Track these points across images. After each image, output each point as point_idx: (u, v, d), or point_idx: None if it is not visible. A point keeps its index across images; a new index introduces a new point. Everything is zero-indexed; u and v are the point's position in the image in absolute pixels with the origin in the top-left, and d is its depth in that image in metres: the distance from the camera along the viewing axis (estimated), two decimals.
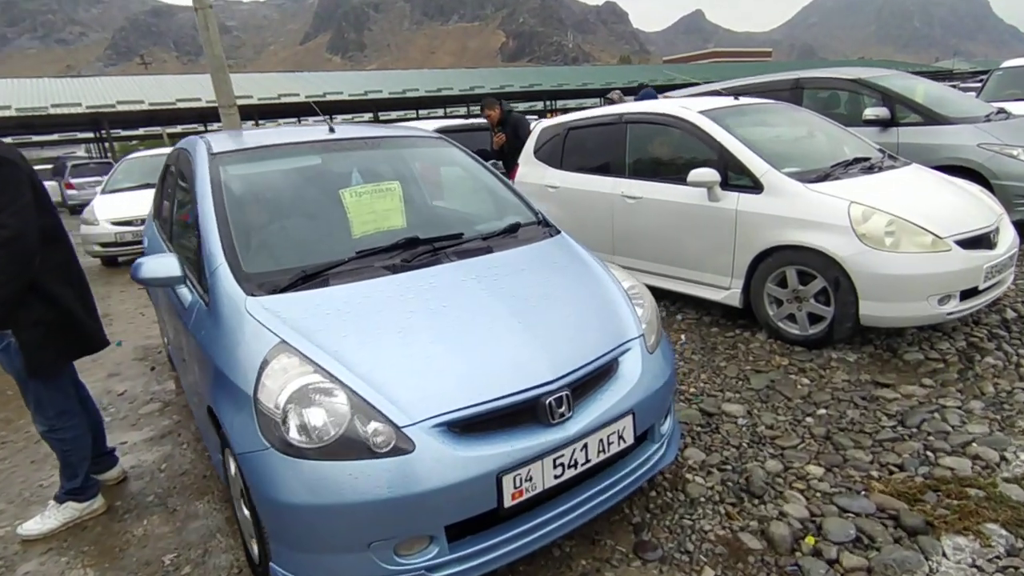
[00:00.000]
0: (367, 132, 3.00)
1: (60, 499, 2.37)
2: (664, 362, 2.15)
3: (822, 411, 2.83)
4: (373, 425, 1.62)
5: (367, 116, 33.97)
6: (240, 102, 24.45)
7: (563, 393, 1.79)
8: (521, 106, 42.47)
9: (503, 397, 1.72)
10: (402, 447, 1.60)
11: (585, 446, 1.81)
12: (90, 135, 30.00)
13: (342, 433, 1.60)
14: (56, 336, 2.15)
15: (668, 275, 4.23)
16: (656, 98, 6.48)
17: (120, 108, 22.44)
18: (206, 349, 1.98)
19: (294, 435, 1.60)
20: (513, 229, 2.57)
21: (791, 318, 3.59)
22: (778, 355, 3.46)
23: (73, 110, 21.53)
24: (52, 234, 2.15)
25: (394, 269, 2.12)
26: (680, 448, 2.56)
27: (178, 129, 31.35)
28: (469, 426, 1.69)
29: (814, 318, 3.48)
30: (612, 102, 6.85)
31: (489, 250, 2.35)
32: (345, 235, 2.35)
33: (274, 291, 1.97)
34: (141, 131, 32.12)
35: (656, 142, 4.48)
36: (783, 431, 2.69)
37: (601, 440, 1.85)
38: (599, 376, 1.94)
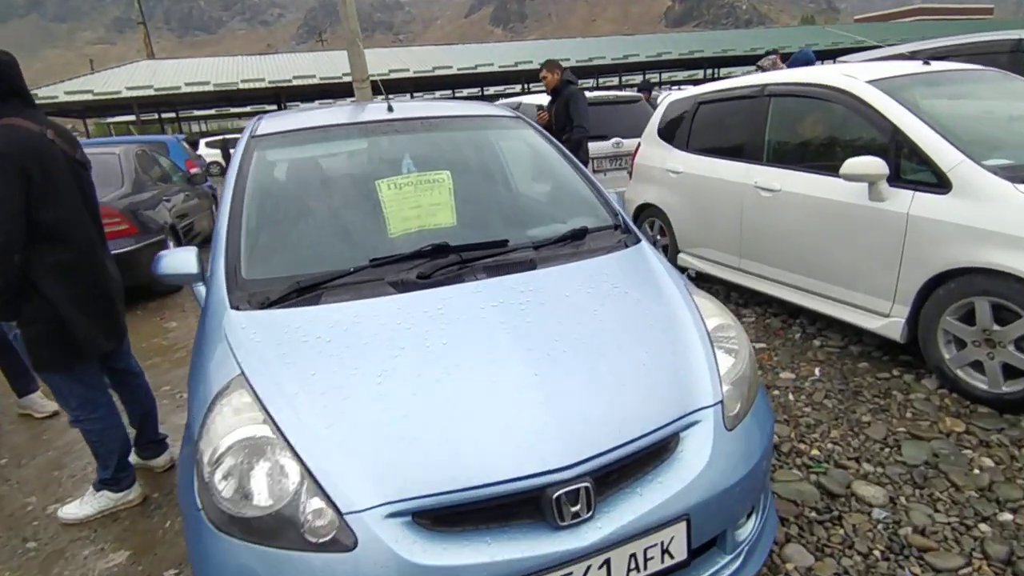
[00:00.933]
0: (428, 111, 2.61)
1: (97, 487, 2.36)
2: (751, 442, 1.53)
3: (1007, 516, 1.98)
4: (315, 504, 1.25)
5: (517, 88, 33.94)
6: (397, 75, 25.59)
7: (581, 485, 1.28)
8: (680, 75, 39.75)
9: (492, 484, 1.26)
10: (342, 541, 1.22)
11: (607, 562, 1.30)
12: (274, 107, 33.48)
13: (278, 509, 1.26)
14: (53, 336, 2.06)
15: (807, 290, 3.39)
16: (813, 64, 5.33)
17: (295, 83, 24.58)
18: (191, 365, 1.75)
19: (223, 501, 1.29)
20: (578, 235, 2.05)
21: (976, 366, 2.64)
22: (951, 416, 2.56)
23: (257, 85, 24.01)
24: (53, 232, 2.01)
25: (402, 286, 1.73)
26: (776, 544, 1.91)
27: (347, 102, 33.87)
28: (442, 519, 1.26)
29: (1012, 371, 2.51)
30: (764, 70, 5.80)
31: (532, 266, 1.86)
32: (379, 234, 2.01)
33: (263, 304, 1.68)
34: (317, 103, 35.17)
35: (806, 121, 3.58)
36: (941, 540, 1.91)
37: (634, 555, 1.32)
38: (642, 461, 1.40)
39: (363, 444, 1.31)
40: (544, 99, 6.02)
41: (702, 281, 4.64)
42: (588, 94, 6.01)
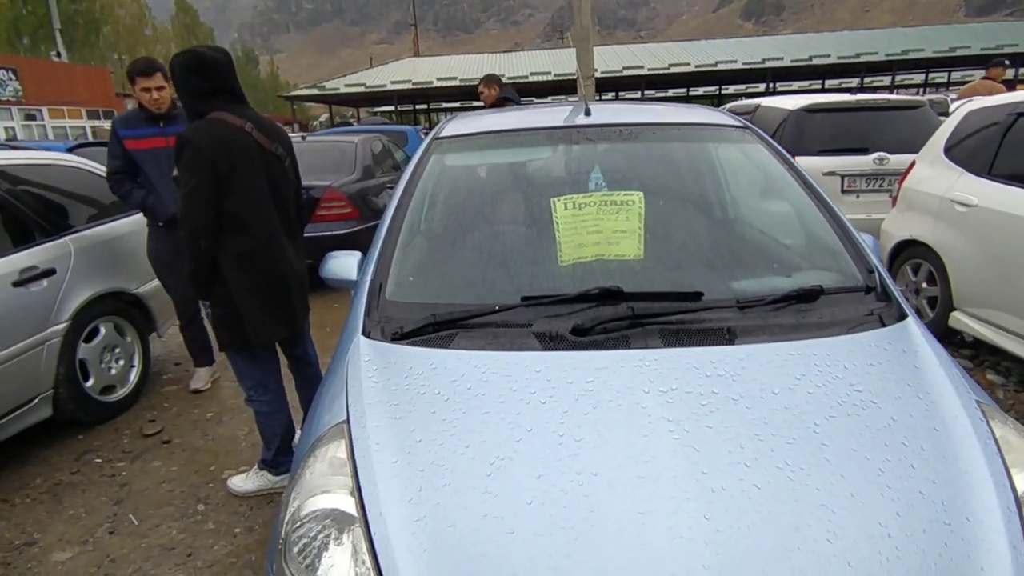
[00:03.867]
0: (632, 116, 2.20)
1: (260, 465, 2.46)
2: None
3: None
4: None
5: (761, 87, 31.02)
6: (631, 72, 25.25)
7: None
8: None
9: None
10: None
11: None
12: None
13: None
14: (232, 319, 2.14)
15: None
16: None
17: (532, 79, 25.63)
18: None
19: (291, 567, 1.08)
20: (808, 296, 1.47)
21: None
22: None
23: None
24: (235, 221, 2.07)
25: (549, 342, 1.37)
26: None
27: (547, 101, 34.38)
28: None
29: None
30: None
31: (729, 338, 1.36)
32: (547, 262, 1.68)
33: (395, 336, 1.46)
34: (549, 99, 36.44)
35: None
36: None
37: None
38: None
39: (449, 558, 0.99)
40: (802, 101, 5.15)
41: (983, 352, 3.47)
42: (832, 97, 5.03)
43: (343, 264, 1.93)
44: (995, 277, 3.12)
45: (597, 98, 8.33)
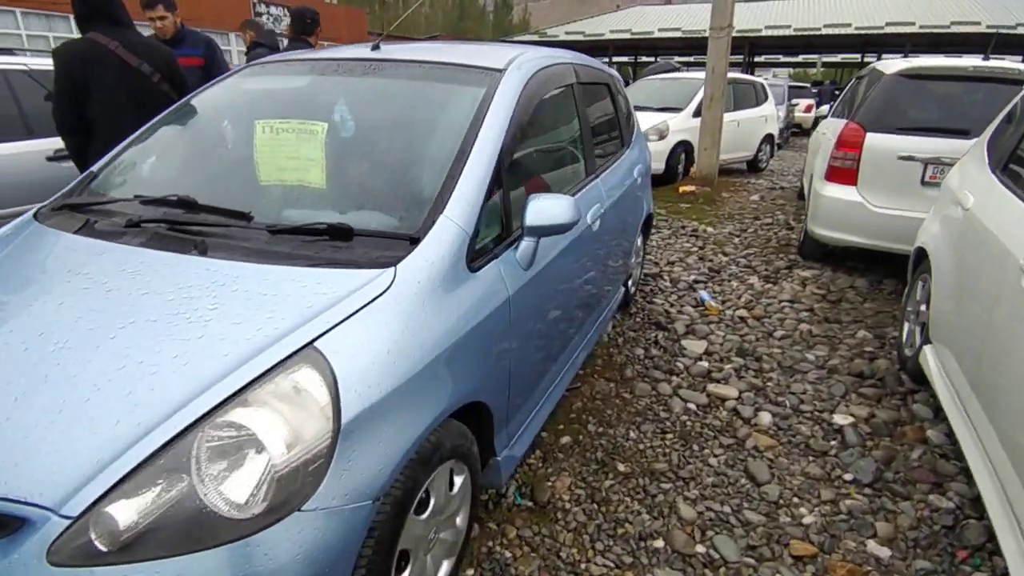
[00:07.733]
0: (404, 55, 2.19)
1: None
2: None
3: None
4: None
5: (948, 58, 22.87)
6: (771, 32, 20.02)
7: None
8: None
9: None
10: None
11: None
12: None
13: None
14: None
15: (1013, 504, 1.60)
16: None
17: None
18: None
19: None
20: (340, 234, 1.49)
21: None
22: None
23: (843, 31, 21.61)
24: (92, 126, 2.58)
25: (82, 229, 1.62)
26: None
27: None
28: None
29: None
30: None
31: (200, 251, 1.46)
32: (248, 180, 1.90)
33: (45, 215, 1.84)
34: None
35: None
36: None
37: None
38: None
39: None
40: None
41: None
42: (945, 61, 3.95)
43: None
44: (954, 303, 2.36)
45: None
